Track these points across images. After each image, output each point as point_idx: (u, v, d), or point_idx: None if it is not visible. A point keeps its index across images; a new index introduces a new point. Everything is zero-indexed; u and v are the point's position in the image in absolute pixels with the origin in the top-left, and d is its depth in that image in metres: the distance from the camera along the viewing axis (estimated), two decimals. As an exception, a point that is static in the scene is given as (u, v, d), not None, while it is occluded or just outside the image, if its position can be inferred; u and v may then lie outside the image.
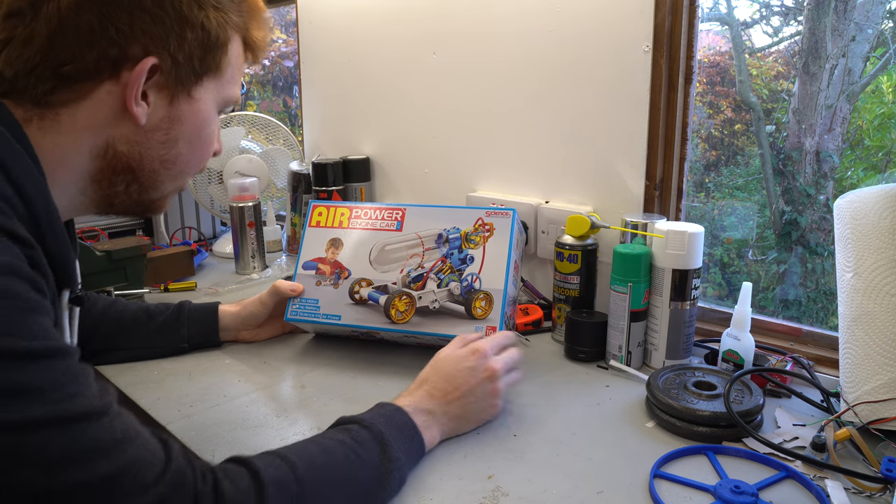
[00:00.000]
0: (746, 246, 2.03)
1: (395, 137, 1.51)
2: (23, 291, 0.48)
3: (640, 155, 1.07)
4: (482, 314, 0.96)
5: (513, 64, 1.22)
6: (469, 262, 0.99)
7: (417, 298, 0.99)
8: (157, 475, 0.50)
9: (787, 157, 1.92)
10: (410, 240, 1.03)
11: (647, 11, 1.02)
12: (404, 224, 1.04)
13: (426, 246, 1.02)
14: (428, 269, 1.00)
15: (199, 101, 0.65)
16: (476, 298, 0.97)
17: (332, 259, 1.05)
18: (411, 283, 1.00)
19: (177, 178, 0.68)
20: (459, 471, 0.73)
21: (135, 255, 1.21)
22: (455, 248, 1.00)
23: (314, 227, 1.08)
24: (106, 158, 0.62)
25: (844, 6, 1.76)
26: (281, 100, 3.09)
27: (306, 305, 1.04)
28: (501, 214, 1.00)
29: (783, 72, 2.00)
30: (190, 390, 0.93)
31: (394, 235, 1.04)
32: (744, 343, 0.91)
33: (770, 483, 0.70)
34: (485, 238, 1.00)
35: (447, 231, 1.01)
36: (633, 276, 0.95)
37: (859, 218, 0.81)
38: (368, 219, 1.07)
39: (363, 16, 1.50)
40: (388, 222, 1.05)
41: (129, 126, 0.61)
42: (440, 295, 0.98)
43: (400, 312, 0.99)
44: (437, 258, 1.01)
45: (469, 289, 0.98)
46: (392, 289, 1.01)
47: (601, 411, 0.86)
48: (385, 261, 1.03)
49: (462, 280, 0.98)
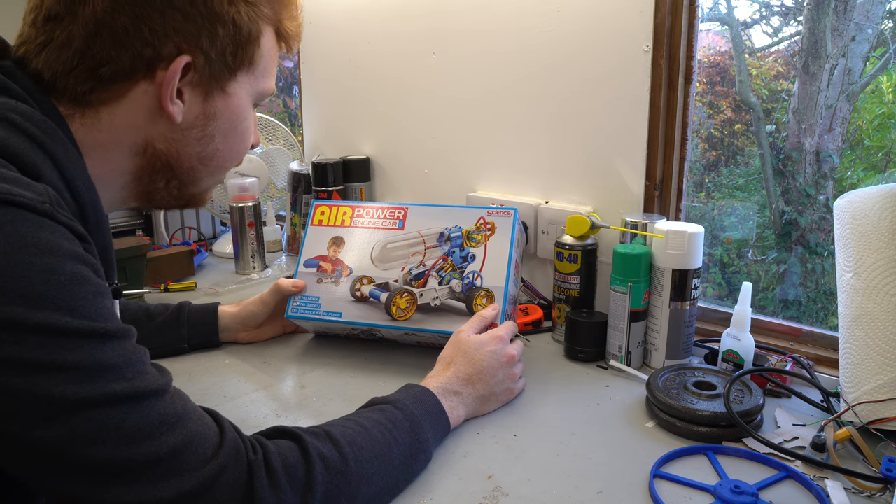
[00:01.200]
0: (746, 246, 2.03)
1: (395, 137, 1.51)
2: (91, 277, 0.51)
3: (640, 155, 1.07)
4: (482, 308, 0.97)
5: (513, 64, 1.22)
6: (470, 261, 1.00)
7: (419, 296, 0.99)
8: (216, 447, 0.54)
9: (787, 157, 1.92)
10: (412, 238, 1.04)
11: (646, 11, 1.02)
12: (406, 223, 1.05)
13: (428, 244, 1.03)
14: (429, 267, 1.01)
15: (233, 95, 0.65)
16: (477, 296, 0.97)
17: (333, 257, 1.06)
18: (413, 281, 1.01)
19: (215, 172, 0.69)
20: (459, 471, 0.73)
21: (135, 255, 1.21)
22: (457, 246, 1.01)
23: (316, 226, 1.09)
24: (146, 156, 0.63)
25: (844, 6, 1.76)
26: (281, 100, 3.08)
27: (307, 303, 1.04)
28: (503, 214, 1.01)
29: (783, 72, 2.00)
30: (190, 390, 0.92)
31: (396, 234, 1.05)
32: (744, 343, 0.91)
33: (770, 483, 0.70)
34: (486, 237, 1.00)
35: (449, 230, 1.02)
36: (633, 276, 0.95)
37: (859, 218, 0.81)
38: (371, 217, 1.07)
39: (363, 15, 1.50)
40: (390, 221, 1.06)
41: (166, 124, 0.62)
42: (441, 292, 0.99)
43: (401, 310, 0.99)
44: (439, 256, 1.01)
45: (470, 286, 0.98)
46: (393, 286, 1.01)
47: (601, 411, 0.86)
48: (387, 259, 1.03)
49: (463, 278, 0.99)
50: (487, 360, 0.84)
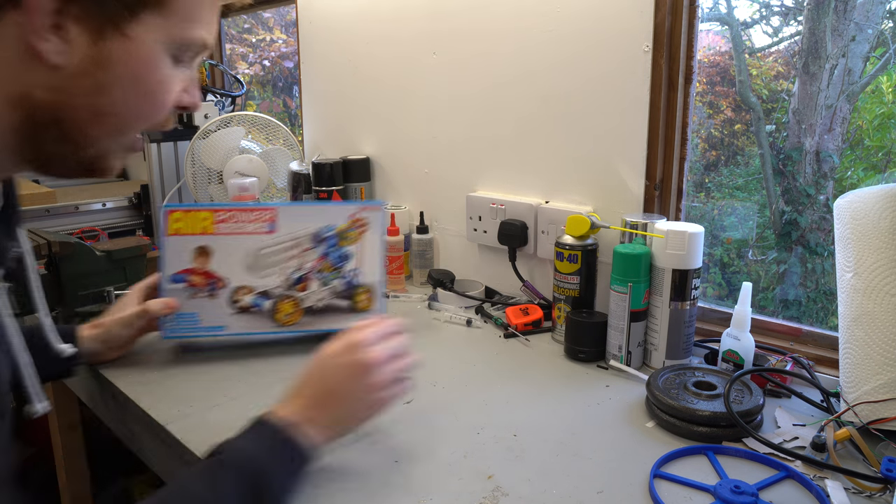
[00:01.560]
0: (746, 246, 2.02)
1: (395, 137, 1.51)
2: None
3: (640, 155, 1.07)
4: (365, 306, 1.02)
5: (513, 64, 1.22)
6: (347, 259, 1.02)
7: (302, 300, 1.00)
8: None
9: (787, 157, 1.92)
10: (286, 242, 1.01)
11: (646, 11, 1.02)
12: (277, 225, 1.00)
13: (303, 246, 1.01)
14: (309, 270, 1.01)
15: (134, 40, 0.52)
16: (358, 293, 1.01)
17: (202, 269, 0.99)
18: (294, 286, 1.01)
19: (115, 133, 0.56)
20: (459, 471, 0.73)
21: (135, 254, 1.21)
22: (332, 246, 1.02)
23: (174, 236, 0.99)
24: (24, 108, 0.52)
25: (844, 6, 1.76)
26: (281, 100, 3.08)
27: (184, 321, 0.99)
28: (373, 209, 1.03)
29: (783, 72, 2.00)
30: (190, 390, 0.93)
31: (268, 238, 1.00)
32: (744, 343, 0.91)
33: (770, 483, 0.70)
34: (360, 233, 1.02)
35: (322, 230, 1.01)
36: (633, 276, 0.95)
37: (859, 218, 0.81)
38: (236, 222, 1.00)
39: (363, 16, 1.50)
40: (258, 224, 1.00)
41: (46, 68, 0.50)
42: (324, 293, 1.01)
43: (287, 315, 1.00)
44: (316, 257, 1.01)
45: (351, 284, 1.02)
46: (275, 293, 1.00)
47: (601, 411, 0.86)
48: (262, 266, 1.00)
49: (344, 276, 1.02)
50: (338, 378, 0.73)
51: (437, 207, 1.44)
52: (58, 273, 1.12)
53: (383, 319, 0.81)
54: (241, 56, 3.06)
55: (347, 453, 0.77)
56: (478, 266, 1.37)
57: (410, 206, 1.49)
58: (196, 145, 1.59)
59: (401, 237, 1.39)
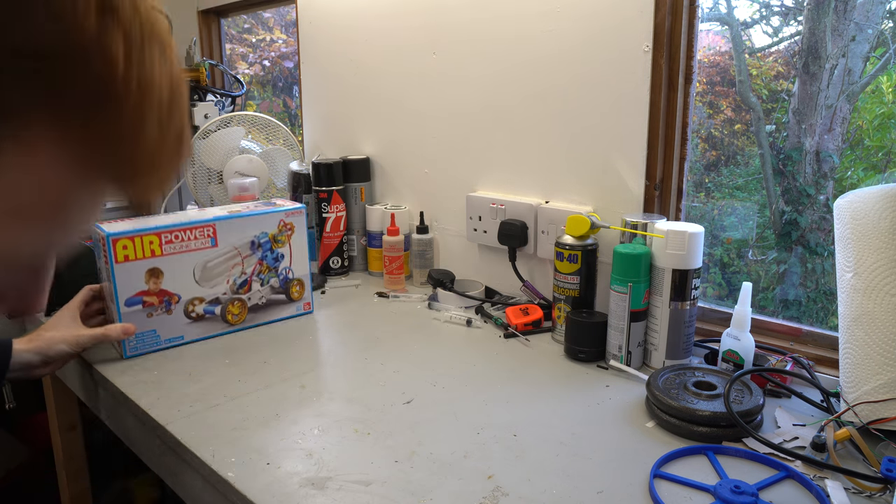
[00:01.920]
0: (746, 246, 2.02)
1: (395, 137, 1.51)
2: None
3: (640, 155, 1.07)
4: (299, 296, 1.21)
5: (513, 64, 1.22)
6: (281, 259, 1.18)
7: (247, 300, 1.15)
8: None
9: (787, 157, 1.92)
10: (228, 252, 1.11)
11: (647, 11, 1.02)
12: (217, 238, 1.10)
13: (243, 254, 1.13)
14: (250, 274, 1.15)
15: None
16: (292, 286, 1.20)
17: (156, 289, 1.05)
18: (239, 290, 1.14)
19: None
20: (459, 471, 0.73)
21: (135, 255, 1.21)
22: (267, 250, 1.16)
23: (123, 263, 1.01)
24: None
25: (844, 6, 1.76)
26: (281, 100, 3.08)
27: (144, 339, 1.05)
28: (297, 213, 1.19)
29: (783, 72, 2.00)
30: (190, 390, 0.93)
31: (212, 252, 1.10)
32: (744, 343, 0.91)
33: (770, 483, 0.70)
34: (288, 236, 1.18)
35: (257, 237, 1.14)
36: (633, 276, 0.95)
37: (859, 218, 0.81)
38: (181, 241, 1.06)
39: (363, 16, 1.50)
40: (201, 241, 1.08)
41: None
42: (264, 291, 1.17)
43: (235, 315, 1.14)
44: (255, 262, 1.15)
45: (286, 279, 1.19)
46: (223, 298, 1.12)
47: (601, 411, 0.86)
48: (210, 277, 1.10)
49: (279, 274, 1.18)
50: None
51: (437, 207, 1.44)
52: (58, 273, 1.12)
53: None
54: (241, 56, 3.06)
55: (348, 453, 0.77)
56: (478, 266, 1.37)
57: (410, 206, 1.49)
58: (196, 145, 1.59)
59: (401, 237, 1.39)
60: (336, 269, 1.50)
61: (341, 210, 1.48)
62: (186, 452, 0.79)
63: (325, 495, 0.69)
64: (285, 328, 1.17)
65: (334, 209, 1.47)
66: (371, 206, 1.51)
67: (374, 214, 1.49)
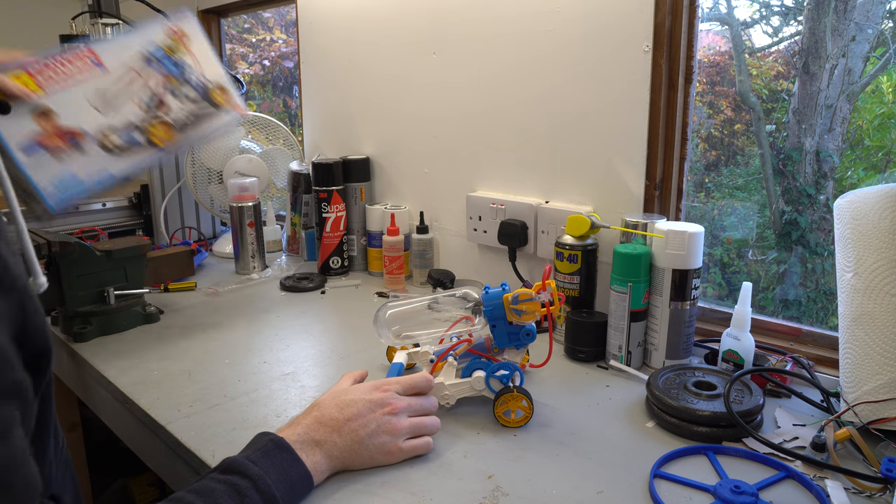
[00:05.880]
0: (746, 246, 2.02)
1: (395, 137, 1.51)
2: None
3: (640, 155, 1.07)
4: (224, 101, 1.05)
5: (513, 64, 1.22)
6: (186, 67, 1.04)
7: (169, 117, 1.01)
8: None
9: (787, 157, 1.92)
10: (123, 73, 0.99)
11: (647, 11, 1.02)
12: (103, 61, 0.97)
13: (143, 74, 1.00)
14: (161, 91, 1.02)
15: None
16: (213, 93, 1.05)
17: (53, 130, 0.93)
18: (155, 109, 1.01)
19: None
20: (459, 471, 0.73)
21: (135, 254, 1.21)
22: (167, 61, 1.03)
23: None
24: None
25: (844, 6, 1.76)
26: (281, 100, 3.08)
27: (64, 183, 0.92)
28: (181, 17, 1.04)
29: (783, 72, 2.00)
30: (190, 390, 0.93)
31: (104, 77, 0.97)
32: (744, 343, 0.91)
33: (770, 483, 0.70)
34: (186, 43, 1.04)
35: (149, 51, 1.01)
36: (633, 276, 0.95)
37: (859, 218, 0.81)
38: (60, 75, 0.94)
39: (363, 16, 1.50)
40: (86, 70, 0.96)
41: None
42: (186, 106, 1.03)
43: (162, 137, 1.00)
44: (159, 77, 1.02)
45: (202, 87, 1.04)
46: (141, 124, 0.99)
47: (601, 411, 0.86)
48: (108, 100, 0.98)
49: (190, 82, 1.04)
50: (358, 406, 0.73)
51: (437, 207, 1.44)
52: (58, 273, 1.12)
53: (422, 376, 0.81)
54: (241, 56, 3.06)
55: (347, 453, 0.77)
56: (478, 266, 1.38)
57: (410, 206, 1.49)
58: (196, 145, 1.59)
59: (401, 237, 1.39)
60: (336, 268, 1.50)
61: (341, 210, 1.48)
62: (186, 452, 0.79)
63: (324, 495, 0.69)
64: (285, 323, 1.17)
65: (334, 209, 1.47)
66: (371, 206, 1.51)
67: (374, 214, 1.50)
